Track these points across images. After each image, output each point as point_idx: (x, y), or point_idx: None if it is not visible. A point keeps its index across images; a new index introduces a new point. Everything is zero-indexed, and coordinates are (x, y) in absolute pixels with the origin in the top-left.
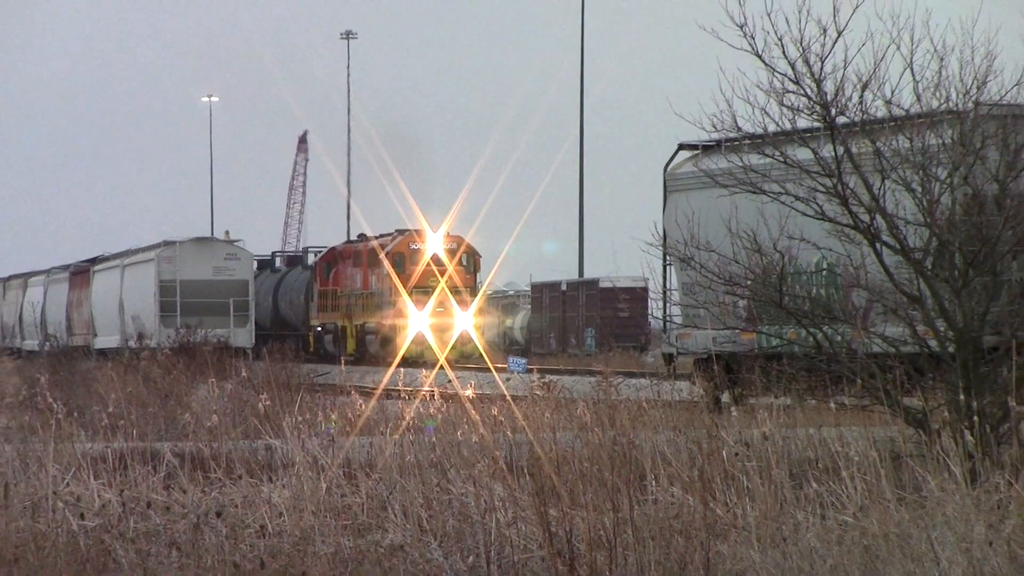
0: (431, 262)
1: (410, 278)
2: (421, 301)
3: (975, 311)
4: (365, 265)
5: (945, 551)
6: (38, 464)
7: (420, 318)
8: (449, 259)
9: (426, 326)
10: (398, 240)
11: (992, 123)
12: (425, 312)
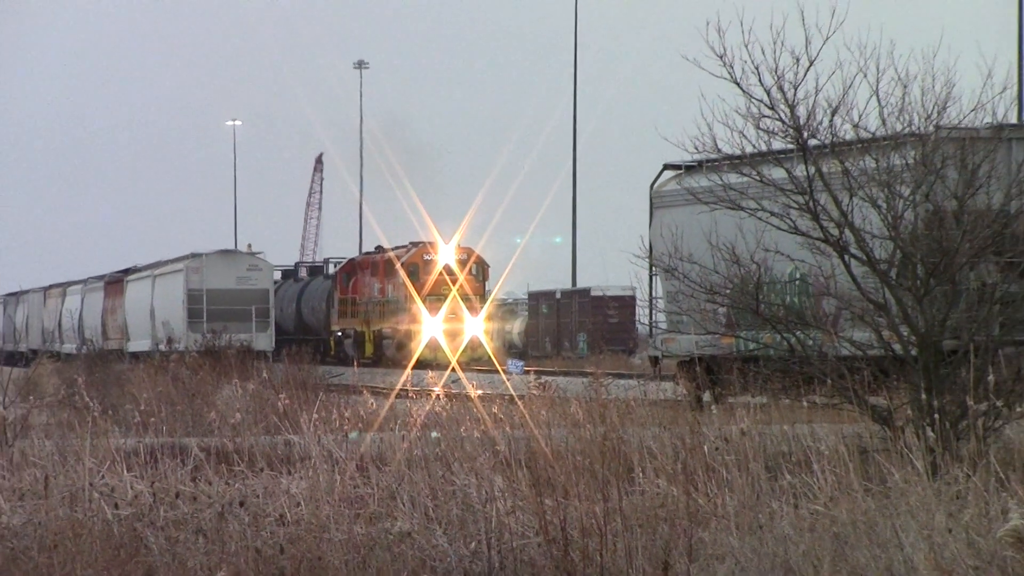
0: (443, 272)
1: (424, 286)
2: (434, 308)
3: (936, 317)
4: (382, 275)
5: (908, 538)
6: (76, 458)
7: (433, 324)
8: (460, 269)
9: (439, 331)
10: (413, 251)
11: (951, 145)
12: (438, 318)
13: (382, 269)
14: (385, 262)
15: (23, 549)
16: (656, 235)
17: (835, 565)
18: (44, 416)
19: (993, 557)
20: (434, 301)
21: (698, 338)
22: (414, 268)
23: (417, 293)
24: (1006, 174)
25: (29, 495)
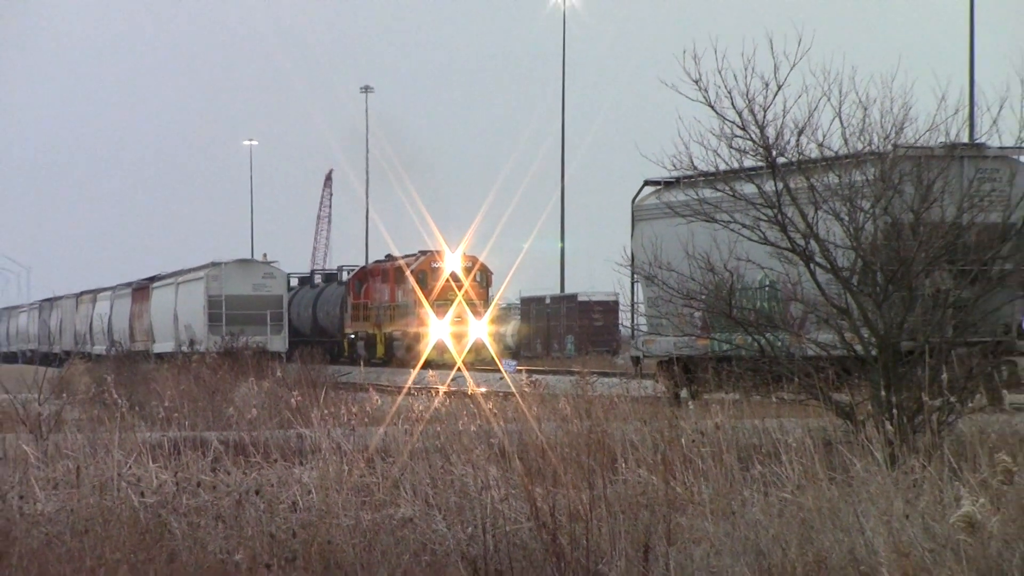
0: (450, 278)
1: (432, 292)
2: (441, 312)
3: (894, 320)
4: (392, 281)
5: (869, 523)
6: (105, 450)
7: (440, 326)
8: (465, 276)
9: (446, 334)
10: (421, 260)
11: (908, 163)
12: (445, 321)
13: (392, 276)
14: (395, 269)
15: (56, 534)
16: (637, 245)
17: (802, 548)
18: (76, 412)
19: (947, 541)
20: (441, 306)
21: (676, 340)
22: (422, 275)
23: (425, 298)
24: (958, 189)
25: (62, 484)
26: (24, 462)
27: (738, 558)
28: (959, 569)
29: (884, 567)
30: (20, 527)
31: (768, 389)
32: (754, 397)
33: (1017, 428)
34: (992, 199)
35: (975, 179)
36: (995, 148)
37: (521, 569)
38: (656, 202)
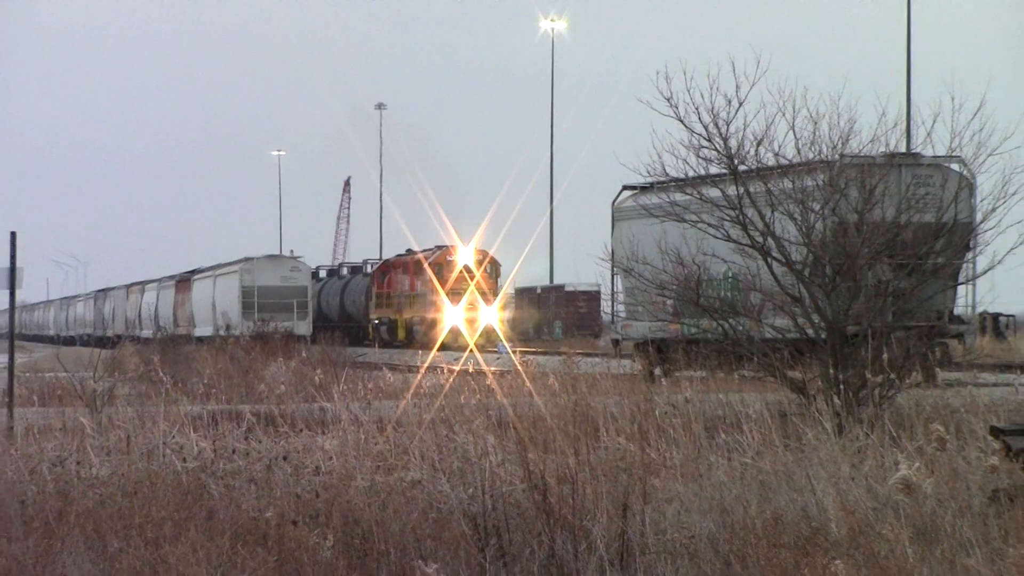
0: (463, 270)
1: (447, 282)
2: (455, 300)
3: (841, 308)
4: (412, 273)
5: (819, 484)
6: (152, 421)
7: (455, 313)
8: (477, 268)
9: (460, 319)
10: (437, 253)
11: (853, 170)
12: (459, 308)
13: (412, 268)
14: (415, 262)
15: (109, 495)
16: (617, 242)
17: (760, 506)
18: (126, 388)
19: (887, 500)
20: (455, 294)
21: (651, 324)
22: (439, 267)
23: (441, 287)
24: (897, 193)
25: (114, 451)
26: (81, 432)
27: (705, 515)
28: (898, 525)
29: (832, 523)
30: (77, 489)
31: (731, 367)
32: (719, 374)
33: (949, 402)
34: (926, 201)
35: (911, 184)
36: (929, 157)
37: (516, 525)
38: (633, 204)
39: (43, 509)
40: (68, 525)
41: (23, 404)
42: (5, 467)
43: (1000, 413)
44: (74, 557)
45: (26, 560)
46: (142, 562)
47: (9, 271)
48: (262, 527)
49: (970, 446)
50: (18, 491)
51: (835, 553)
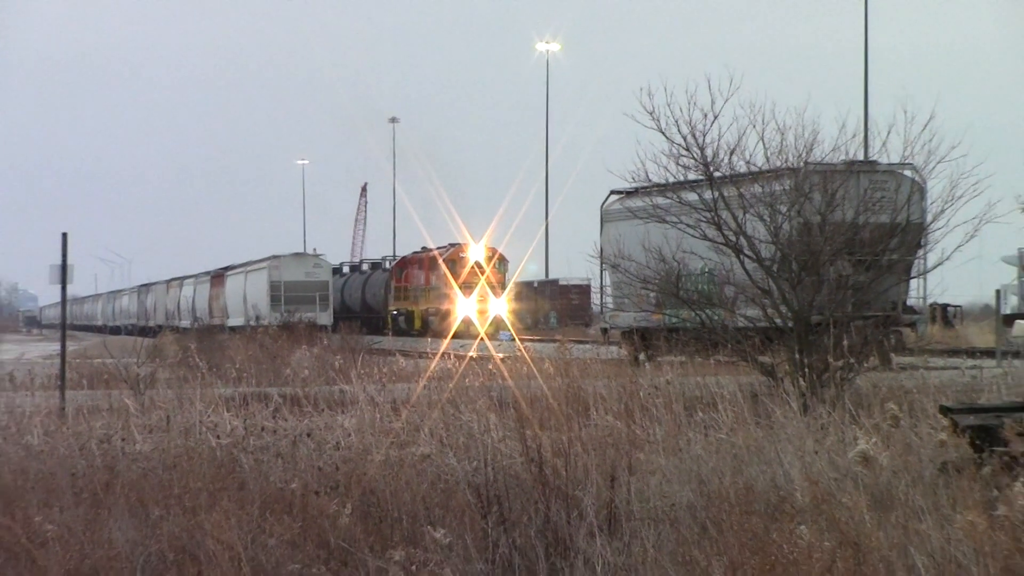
0: (474, 266)
1: (459, 277)
2: (467, 293)
3: (805, 299)
4: (427, 268)
5: (786, 457)
6: (189, 402)
7: (467, 304)
8: (486, 263)
9: (472, 310)
10: (451, 250)
11: (816, 176)
12: (470, 300)
13: (427, 264)
14: (430, 259)
15: (151, 468)
16: (605, 241)
17: (734, 477)
18: (167, 372)
19: (847, 471)
20: (467, 287)
21: (635, 315)
22: (452, 263)
23: (454, 281)
24: (855, 197)
25: (156, 429)
26: (126, 412)
27: (684, 485)
28: (856, 494)
29: (798, 492)
30: (122, 463)
31: (707, 353)
32: (697, 359)
33: (902, 384)
34: (882, 204)
35: (868, 189)
36: (884, 164)
37: (515, 494)
38: (620, 207)
39: (92, 481)
40: (114, 495)
41: (74, 387)
42: (58, 444)
43: (948, 394)
44: (119, 524)
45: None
46: (180, 528)
47: (61, 268)
48: (288, 497)
49: (921, 423)
50: (69, 465)
51: (800, 519)
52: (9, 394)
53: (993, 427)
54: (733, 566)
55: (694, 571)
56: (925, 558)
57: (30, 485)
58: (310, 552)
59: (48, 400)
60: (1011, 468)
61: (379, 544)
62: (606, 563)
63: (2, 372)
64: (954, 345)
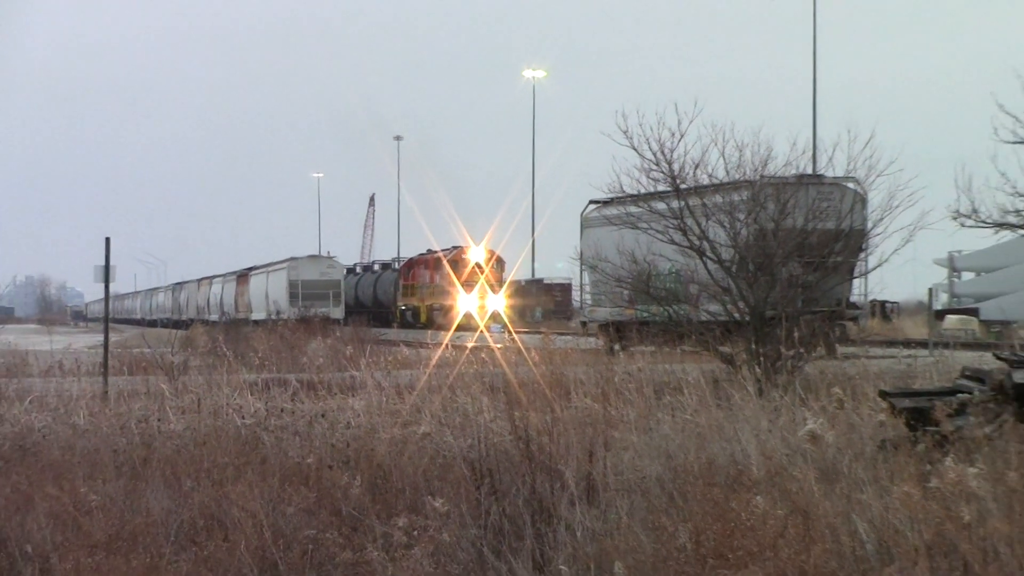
0: (475, 266)
1: (461, 276)
2: (468, 290)
3: (761, 296)
4: (432, 268)
5: (744, 436)
6: (217, 387)
7: (468, 301)
8: (486, 264)
9: (472, 306)
10: (454, 252)
11: (770, 188)
12: (471, 297)
13: (433, 264)
14: (435, 259)
15: (183, 445)
16: (584, 245)
17: (697, 453)
18: (197, 360)
19: (797, 448)
20: (468, 285)
21: (611, 310)
22: (455, 263)
23: (457, 280)
24: (805, 206)
25: (188, 410)
26: (161, 395)
27: (654, 460)
28: (806, 468)
29: (754, 466)
30: (158, 440)
31: (674, 343)
32: (665, 349)
33: (846, 371)
34: (828, 213)
35: (816, 199)
36: (830, 178)
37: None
38: (597, 215)
39: (131, 456)
40: (151, 469)
41: (115, 373)
42: (101, 423)
43: (886, 379)
44: (155, 494)
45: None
46: (209, 498)
47: (104, 269)
48: (305, 470)
49: (863, 406)
50: (111, 442)
51: (756, 490)
52: (58, 379)
53: (926, 409)
54: (697, 531)
55: (662, 536)
56: (866, 524)
57: (77, 460)
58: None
59: (93, 385)
60: (942, 445)
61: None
62: (585, 529)
63: (53, 360)
64: (891, 337)
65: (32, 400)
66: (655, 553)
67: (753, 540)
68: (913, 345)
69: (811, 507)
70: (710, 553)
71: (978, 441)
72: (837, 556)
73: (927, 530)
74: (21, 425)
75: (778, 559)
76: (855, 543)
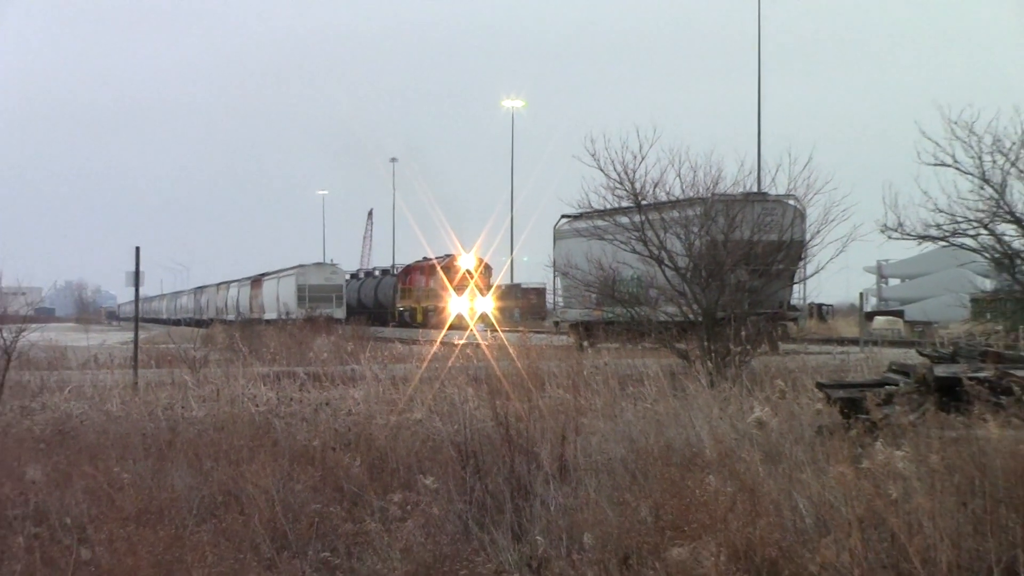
0: (465, 272)
1: (453, 280)
2: (459, 293)
3: (712, 300)
4: (427, 274)
5: (697, 422)
6: (234, 378)
7: (459, 303)
8: (475, 270)
9: (463, 308)
10: (446, 260)
11: (720, 204)
12: (462, 299)
13: (427, 270)
14: (429, 266)
15: (204, 430)
16: (557, 254)
17: (657, 437)
18: (216, 355)
19: (745, 433)
20: (459, 289)
21: (581, 311)
22: (447, 269)
23: (449, 284)
24: (751, 220)
25: (208, 399)
26: (184, 386)
27: (618, 443)
28: (752, 450)
29: (707, 449)
30: (182, 425)
31: (637, 341)
32: (628, 346)
33: (787, 365)
34: (771, 226)
35: (761, 214)
36: (773, 195)
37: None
38: (568, 228)
39: (158, 440)
40: (175, 451)
41: (144, 366)
42: (131, 410)
43: (823, 373)
44: (179, 473)
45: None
46: (227, 476)
47: (135, 274)
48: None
49: (802, 396)
50: (140, 427)
51: (708, 470)
52: (94, 372)
53: (858, 399)
54: (656, 506)
55: (626, 510)
56: (805, 500)
57: (110, 443)
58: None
59: (124, 376)
60: (872, 431)
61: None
62: (558, 504)
63: (89, 355)
64: (827, 336)
65: (70, 390)
66: (619, 525)
67: (706, 514)
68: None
69: (757, 485)
70: (668, 525)
71: (904, 427)
72: (780, 528)
73: (859, 505)
74: (61, 412)
75: (728, 531)
76: (796, 517)
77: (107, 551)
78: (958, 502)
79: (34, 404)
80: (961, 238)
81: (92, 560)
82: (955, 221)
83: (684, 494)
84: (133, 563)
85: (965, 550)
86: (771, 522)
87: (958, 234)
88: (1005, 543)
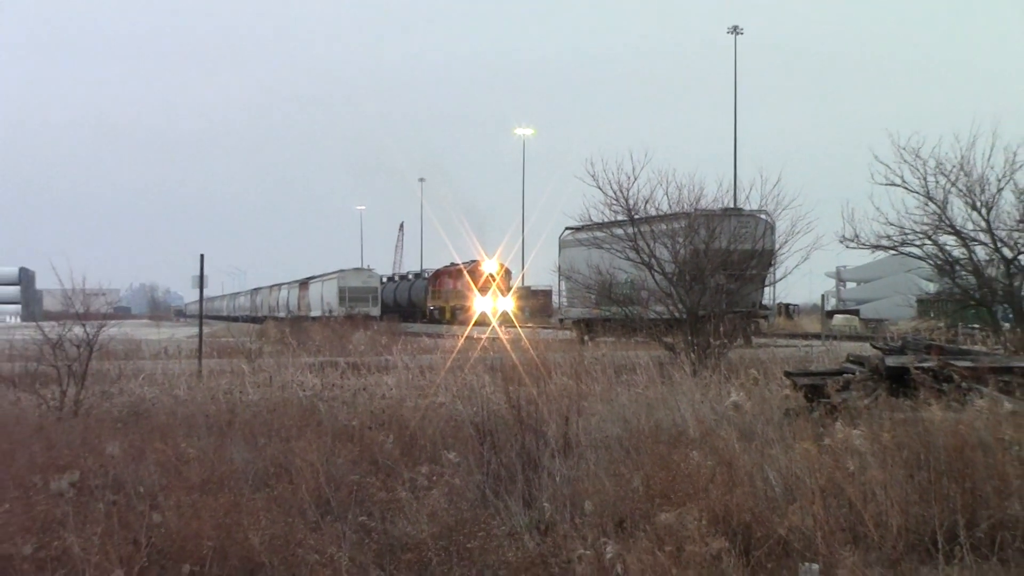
0: (488, 275)
1: (478, 283)
2: (483, 294)
3: (695, 300)
4: (455, 277)
5: (682, 405)
6: (284, 367)
7: (483, 302)
8: (497, 274)
9: (487, 307)
10: (471, 264)
11: (702, 218)
12: (486, 299)
13: (455, 274)
14: (457, 270)
15: (259, 411)
16: (562, 260)
17: (647, 418)
18: (269, 347)
19: (723, 415)
20: (483, 290)
21: (582, 310)
22: (472, 273)
23: (474, 286)
24: (728, 232)
25: (262, 385)
26: (242, 374)
27: (614, 424)
28: (729, 429)
29: (690, 428)
30: (239, 407)
31: (630, 335)
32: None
33: (759, 356)
34: (745, 237)
35: (737, 227)
36: (748, 210)
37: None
38: (572, 238)
39: (219, 420)
40: (233, 430)
41: (207, 356)
42: (196, 395)
43: (790, 363)
44: (237, 449)
45: (208, 451)
46: (278, 451)
47: (199, 277)
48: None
49: (772, 383)
50: (204, 409)
51: (692, 447)
52: (164, 361)
53: (820, 386)
54: (647, 478)
55: (621, 481)
56: (775, 472)
57: (177, 422)
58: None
59: (190, 365)
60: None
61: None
62: (563, 475)
63: (159, 347)
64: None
65: (144, 377)
66: (615, 494)
67: (690, 484)
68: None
69: (733, 459)
70: (657, 494)
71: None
72: (753, 496)
73: (821, 477)
74: (135, 396)
75: (709, 499)
76: (767, 487)
77: (175, 515)
78: (906, 474)
79: (113, 389)
80: (909, 247)
81: (162, 523)
82: (903, 233)
83: (671, 467)
84: (197, 526)
85: (912, 515)
86: (745, 491)
87: (906, 244)
88: (947, 510)
